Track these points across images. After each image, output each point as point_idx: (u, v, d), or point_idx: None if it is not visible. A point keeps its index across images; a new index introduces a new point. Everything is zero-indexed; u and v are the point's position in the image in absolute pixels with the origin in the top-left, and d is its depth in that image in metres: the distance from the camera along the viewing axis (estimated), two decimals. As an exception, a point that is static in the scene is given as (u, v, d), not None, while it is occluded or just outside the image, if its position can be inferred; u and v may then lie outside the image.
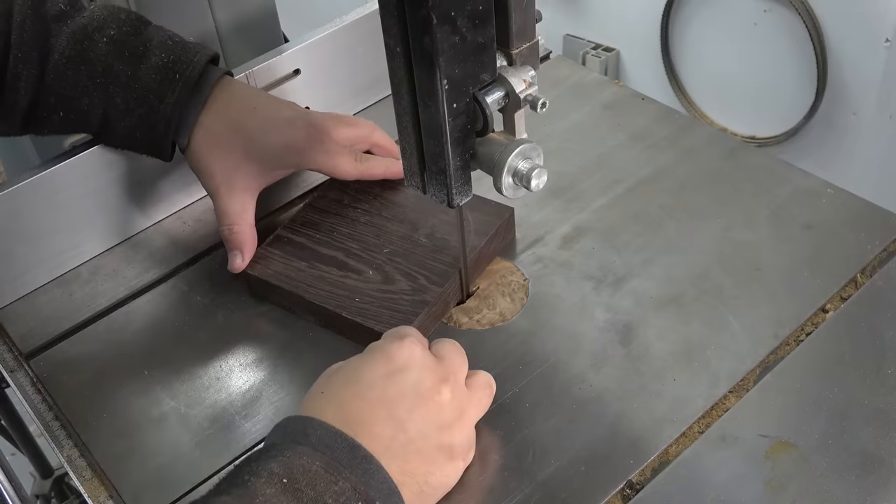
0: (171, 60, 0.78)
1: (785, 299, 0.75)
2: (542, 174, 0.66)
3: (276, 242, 0.82)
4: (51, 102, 0.79)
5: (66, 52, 0.77)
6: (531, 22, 0.65)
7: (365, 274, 0.78)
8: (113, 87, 0.78)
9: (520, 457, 0.65)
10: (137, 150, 0.82)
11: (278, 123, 0.81)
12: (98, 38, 0.78)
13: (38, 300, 0.83)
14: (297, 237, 0.82)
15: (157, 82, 0.78)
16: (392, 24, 0.60)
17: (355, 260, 0.79)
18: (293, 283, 0.78)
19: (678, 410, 0.67)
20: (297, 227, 0.83)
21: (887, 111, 1.65)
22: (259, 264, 0.80)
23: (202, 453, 0.68)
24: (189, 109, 0.79)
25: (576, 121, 0.95)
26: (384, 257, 0.79)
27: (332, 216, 0.84)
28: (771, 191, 0.85)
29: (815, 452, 0.64)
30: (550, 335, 0.74)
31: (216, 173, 0.80)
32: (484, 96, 0.63)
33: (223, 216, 0.80)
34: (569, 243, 0.82)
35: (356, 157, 0.84)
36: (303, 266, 0.79)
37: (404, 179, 0.70)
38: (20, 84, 0.77)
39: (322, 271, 0.78)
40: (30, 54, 0.77)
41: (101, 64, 0.78)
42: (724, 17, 1.86)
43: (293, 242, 0.82)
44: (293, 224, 0.83)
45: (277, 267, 0.79)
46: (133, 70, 0.78)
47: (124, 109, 0.79)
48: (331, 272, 0.78)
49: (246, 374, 0.74)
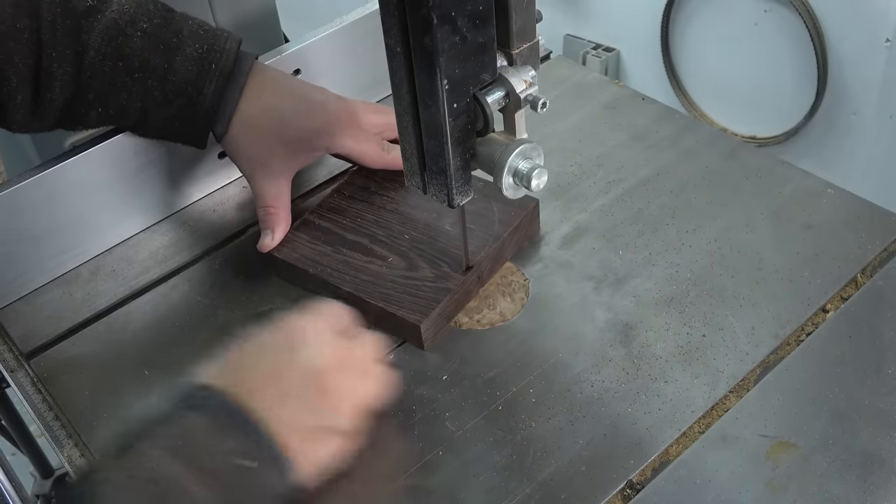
0: (204, 50, 0.79)
1: (785, 299, 0.75)
2: (543, 174, 0.66)
3: (303, 227, 0.83)
4: (89, 99, 0.79)
5: (102, 49, 0.78)
6: (531, 22, 0.65)
7: (389, 260, 0.79)
8: (151, 81, 0.79)
9: (520, 457, 0.65)
10: (173, 139, 0.83)
11: (311, 106, 0.83)
12: (131, 32, 0.78)
13: (38, 300, 0.83)
14: (324, 222, 0.83)
15: (195, 73, 0.79)
16: (392, 24, 0.60)
17: (380, 246, 0.80)
18: (318, 266, 0.79)
19: (678, 410, 0.68)
20: (324, 213, 0.84)
21: (887, 111, 1.65)
22: (286, 248, 0.81)
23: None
24: (227, 98, 0.80)
25: (576, 121, 0.95)
26: (408, 244, 0.80)
27: (359, 203, 0.85)
28: (771, 191, 0.85)
29: (815, 452, 0.64)
30: (551, 335, 0.74)
31: (253, 157, 0.82)
32: (484, 96, 0.63)
33: (260, 198, 0.82)
34: (569, 243, 0.82)
35: (383, 145, 0.85)
36: (328, 251, 0.80)
37: (405, 179, 0.70)
38: (56, 83, 0.77)
39: (347, 256, 0.79)
40: (64, 52, 0.77)
41: (138, 58, 0.78)
42: (725, 17, 1.85)
43: (320, 227, 0.83)
44: (320, 209, 0.84)
45: (304, 251, 0.80)
46: (169, 62, 0.79)
47: (163, 101, 0.80)
48: (355, 257, 0.79)
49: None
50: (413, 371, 0.72)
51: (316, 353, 0.63)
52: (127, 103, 0.79)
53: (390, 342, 0.75)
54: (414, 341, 0.75)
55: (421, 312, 0.73)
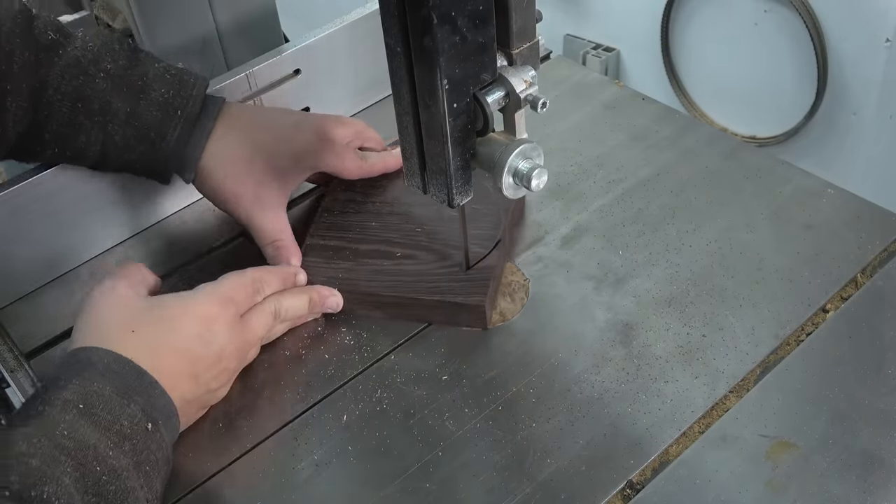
0: (170, 95, 0.77)
1: (785, 299, 0.75)
2: (543, 174, 0.66)
3: (311, 251, 0.81)
4: (45, 138, 0.77)
5: (61, 88, 0.75)
6: (531, 22, 0.65)
7: (417, 257, 0.78)
8: (112, 125, 0.77)
9: (520, 457, 0.65)
10: (136, 174, 0.82)
11: (287, 132, 0.81)
12: (94, 72, 0.76)
13: (38, 300, 0.83)
14: (330, 241, 0.81)
15: (159, 119, 0.77)
16: (392, 24, 0.60)
17: (400, 247, 0.80)
18: (352, 283, 0.77)
19: (678, 410, 0.68)
20: (323, 233, 0.82)
21: (887, 111, 1.65)
22: (307, 276, 0.78)
23: (202, 454, 0.68)
24: (192, 144, 0.78)
25: (576, 121, 0.95)
26: (427, 238, 0.80)
27: (355, 214, 0.84)
28: (771, 191, 0.85)
29: (815, 452, 0.64)
30: (551, 335, 0.74)
31: (242, 197, 0.80)
32: (484, 96, 0.63)
33: (264, 235, 0.80)
34: (569, 243, 0.82)
35: (358, 155, 0.84)
36: (351, 265, 0.79)
37: (405, 179, 0.70)
38: (8, 117, 0.75)
39: (374, 266, 0.79)
40: (20, 87, 0.74)
41: (99, 101, 0.76)
42: (725, 17, 1.85)
43: (328, 247, 0.81)
44: (318, 231, 0.83)
45: (326, 273, 0.78)
46: (132, 107, 0.76)
47: (123, 146, 0.78)
48: (383, 264, 0.79)
49: (245, 373, 0.74)
50: (413, 371, 0.72)
51: None
52: (85, 146, 0.77)
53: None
54: (476, 323, 0.75)
55: (479, 293, 0.74)
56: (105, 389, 0.60)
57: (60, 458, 0.55)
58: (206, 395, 0.68)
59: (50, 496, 0.53)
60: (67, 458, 0.55)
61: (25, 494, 0.52)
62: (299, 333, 0.77)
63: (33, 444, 0.55)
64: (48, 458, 0.55)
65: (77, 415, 0.58)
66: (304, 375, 0.73)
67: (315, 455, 0.67)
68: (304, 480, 0.66)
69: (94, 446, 0.57)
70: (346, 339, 0.76)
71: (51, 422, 0.57)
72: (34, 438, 0.55)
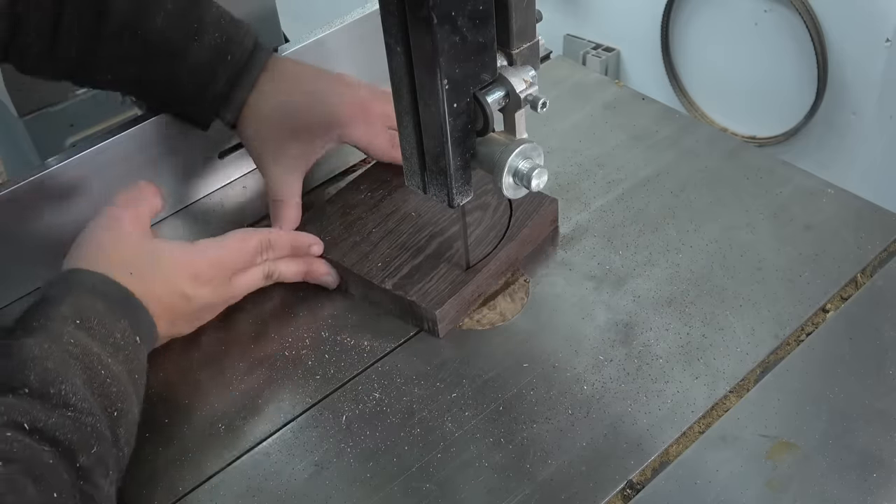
0: (223, 40, 0.80)
1: (785, 299, 0.75)
2: (543, 174, 0.66)
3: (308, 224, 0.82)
4: (102, 64, 0.80)
5: (123, 19, 0.78)
6: (531, 22, 0.65)
7: None
8: (165, 61, 0.79)
9: (520, 457, 0.65)
10: (177, 115, 0.84)
11: (322, 98, 0.83)
12: (155, 9, 0.78)
13: (39, 300, 0.83)
14: (336, 223, 0.82)
15: (209, 61, 0.79)
16: (392, 23, 0.60)
17: (405, 250, 0.79)
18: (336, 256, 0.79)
19: (678, 410, 0.67)
20: (332, 214, 0.83)
21: (887, 111, 1.65)
22: None
23: (203, 454, 0.68)
24: (238, 90, 0.81)
25: (576, 121, 0.95)
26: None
27: (367, 213, 0.84)
28: (771, 191, 0.85)
29: (815, 452, 0.64)
30: (551, 335, 0.74)
31: (264, 153, 0.83)
32: (484, 96, 0.63)
33: (270, 191, 0.83)
34: (569, 243, 0.82)
35: (390, 136, 0.85)
36: (343, 247, 0.80)
37: (405, 179, 0.70)
38: (73, 41, 0.78)
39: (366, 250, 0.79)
40: (85, 13, 0.77)
41: (156, 37, 0.78)
42: (725, 17, 1.85)
43: (331, 226, 0.82)
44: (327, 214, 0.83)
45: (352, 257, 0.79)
46: (187, 47, 0.79)
47: (174, 83, 0.80)
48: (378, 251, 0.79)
49: (245, 373, 0.74)
50: (413, 371, 0.72)
51: None
52: (138, 77, 0.80)
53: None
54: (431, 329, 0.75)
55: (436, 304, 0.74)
56: (97, 304, 0.64)
57: (70, 362, 0.59)
58: (175, 334, 0.74)
59: (67, 393, 0.57)
60: (76, 362, 0.60)
61: (45, 391, 0.57)
62: (299, 334, 0.77)
63: (44, 350, 0.59)
64: (60, 361, 0.59)
65: (75, 328, 0.62)
66: (303, 376, 0.73)
67: (315, 455, 0.67)
68: (304, 480, 0.66)
69: (98, 353, 0.61)
70: (345, 339, 0.76)
71: (55, 332, 0.61)
72: (45, 344, 0.59)
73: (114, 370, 0.62)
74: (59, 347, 0.60)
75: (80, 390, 0.58)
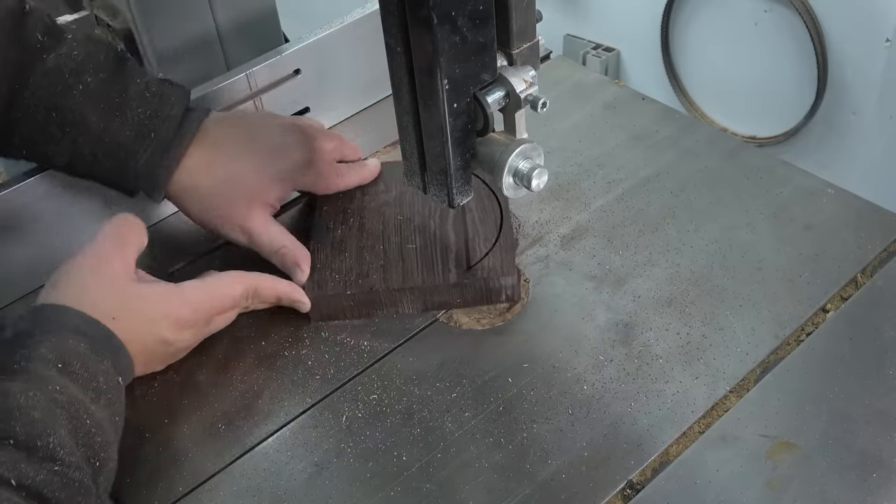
0: (146, 116, 0.76)
1: (785, 299, 0.75)
2: (543, 174, 0.66)
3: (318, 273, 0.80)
4: (14, 141, 0.76)
5: (38, 93, 0.74)
6: (532, 22, 0.65)
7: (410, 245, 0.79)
8: (83, 139, 0.75)
9: (520, 457, 0.65)
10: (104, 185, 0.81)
11: (272, 152, 0.80)
12: (73, 83, 0.74)
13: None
14: (333, 247, 0.81)
15: (131, 139, 0.76)
16: (392, 24, 0.60)
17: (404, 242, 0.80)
18: (363, 282, 0.77)
19: (678, 410, 0.68)
20: (324, 240, 0.82)
21: (887, 111, 1.65)
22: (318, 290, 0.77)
23: (203, 454, 0.68)
24: (160, 170, 0.77)
25: (576, 121, 0.95)
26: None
27: (353, 219, 0.83)
28: (771, 191, 0.85)
29: (815, 452, 0.64)
30: (551, 335, 0.74)
31: (234, 217, 0.79)
32: (484, 96, 0.63)
33: (267, 247, 0.79)
34: (569, 243, 0.82)
35: (336, 170, 0.85)
36: (357, 267, 0.78)
37: (405, 179, 0.70)
38: None
39: (381, 261, 0.79)
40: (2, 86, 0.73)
41: (74, 113, 0.75)
42: (725, 17, 1.85)
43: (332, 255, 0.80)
44: (319, 238, 0.82)
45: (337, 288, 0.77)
46: (107, 124, 0.75)
47: (91, 161, 0.76)
48: (389, 257, 0.79)
49: (245, 373, 0.74)
50: (413, 371, 0.72)
51: None
52: (53, 154, 0.76)
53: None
54: None
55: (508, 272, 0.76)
56: (80, 345, 0.63)
57: (56, 412, 0.57)
58: (147, 371, 0.73)
59: (55, 447, 0.55)
60: (62, 412, 0.57)
61: (31, 444, 0.54)
62: (299, 334, 0.77)
63: (30, 398, 0.56)
64: (46, 411, 0.57)
65: (58, 372, 0.60)
66: (303, 376, 0.73)
67: (315, 455, 0.67)
68: (304, 480, 0.66)
69: (82, 401, 0.60)
70: (345, 339, 0.76)
71: (39, 377, 0.59)
72: (30, 392, 0.57)
73: (97, 418, 0.60)
74: (46, 396, 0.57)
75: (67, 443, 0.56)
